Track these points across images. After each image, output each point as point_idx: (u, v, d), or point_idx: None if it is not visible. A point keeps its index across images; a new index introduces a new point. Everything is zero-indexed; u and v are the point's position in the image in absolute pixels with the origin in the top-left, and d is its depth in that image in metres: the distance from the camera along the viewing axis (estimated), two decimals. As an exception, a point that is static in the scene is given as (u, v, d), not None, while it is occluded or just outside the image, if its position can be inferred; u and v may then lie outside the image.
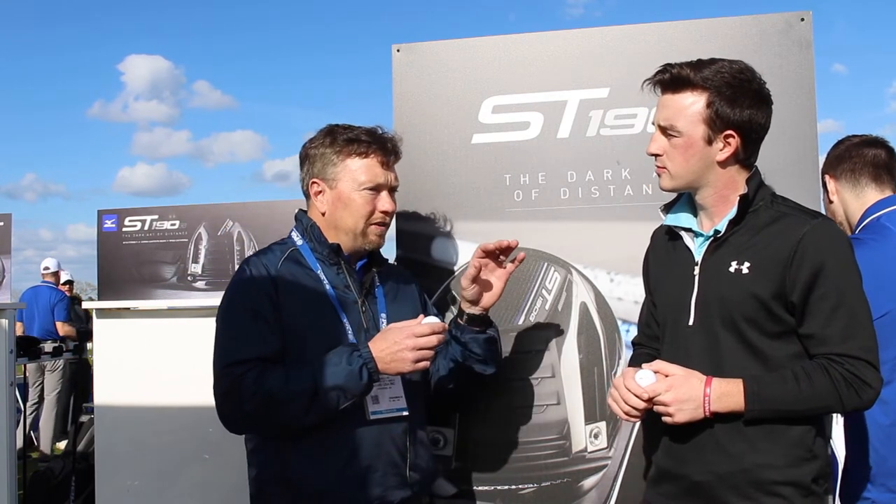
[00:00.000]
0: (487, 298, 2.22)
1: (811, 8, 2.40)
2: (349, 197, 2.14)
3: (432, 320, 2.03)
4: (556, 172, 2.49)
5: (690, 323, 1.90)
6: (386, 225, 2.19)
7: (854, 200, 2.51)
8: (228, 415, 2.03)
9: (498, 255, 2.21)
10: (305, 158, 2.20)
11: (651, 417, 1.91)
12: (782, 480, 1.80)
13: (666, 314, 2.00)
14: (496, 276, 2.23)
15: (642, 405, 1.84)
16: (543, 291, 2.48)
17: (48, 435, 7.86)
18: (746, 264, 1.83)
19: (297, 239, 2.20)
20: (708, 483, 1.85)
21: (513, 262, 2.22)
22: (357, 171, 2.14)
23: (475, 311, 2.23)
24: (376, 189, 2.15)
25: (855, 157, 2.51)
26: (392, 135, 2.22)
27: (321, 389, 1.95)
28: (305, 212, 2.24)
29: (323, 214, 2.17)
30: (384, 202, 2.16)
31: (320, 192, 2.17)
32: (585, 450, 2.44)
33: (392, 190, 2.19)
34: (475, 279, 2.20)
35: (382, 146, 2.17)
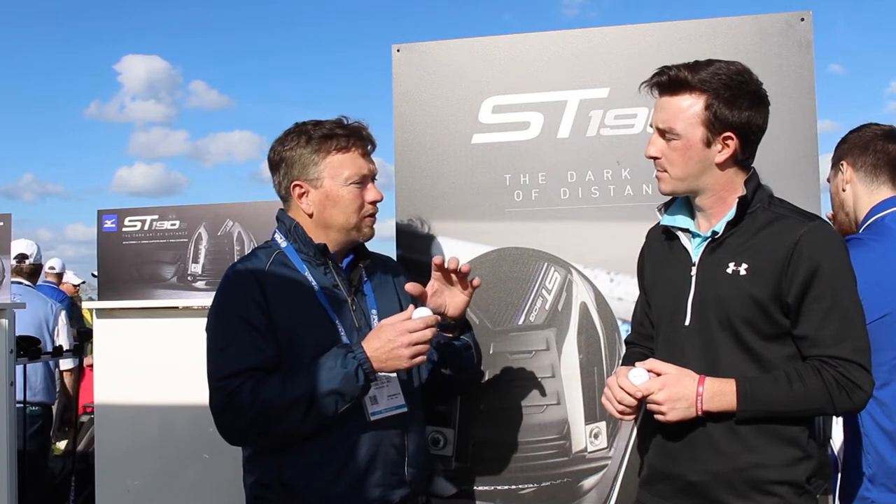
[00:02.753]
0: (451, 310, 2.16)
1: (811, 8, 2.40)
2: (337, 194, 2.10)
3: (424, 312, 2.00)
4: (556, 172, 2.49)
5: (687, 323, 1.90)
6: (375, 215, 2.17)
7: (866, 196, 2.42)
8: (227, 429, 2.00)
9: (450, 273, 2.13)
10: (281, 162, 2.14)
11: (645, 417, 1.91)
12: (778, 480, 1.81)
13: (661, 314, 2.00)
14: (458, 291, 2.16)
15: (635, 403, 1.84)
16: (543, 291, 2.48)
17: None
18: (744, 265, 1.83)
19: (281, 241, 2.16)
20: (703, 482, 1.86)
21: (472, 285, 2.15)
22: (341, 166, 2.10)
23: (444, 320, 2.17)
24: (362, 182, 2.12)
25: (879, 151, 2.40)
26: (363, 123, 2.17)
27: (318, 395, 1.93)
28: (285, 212, 2.19)
29: (310, 216, 2.13)
30: (371, 193, 2.13)
31: (304, 193, 2.12)
32: (585, 450, 2.44)
33: (375, 178, 2.16)
34: (434, 294, 2.14)
35: (360, 137, 2.14)
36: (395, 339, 1.95)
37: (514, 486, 2.46)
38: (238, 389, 1.95)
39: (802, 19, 2.40)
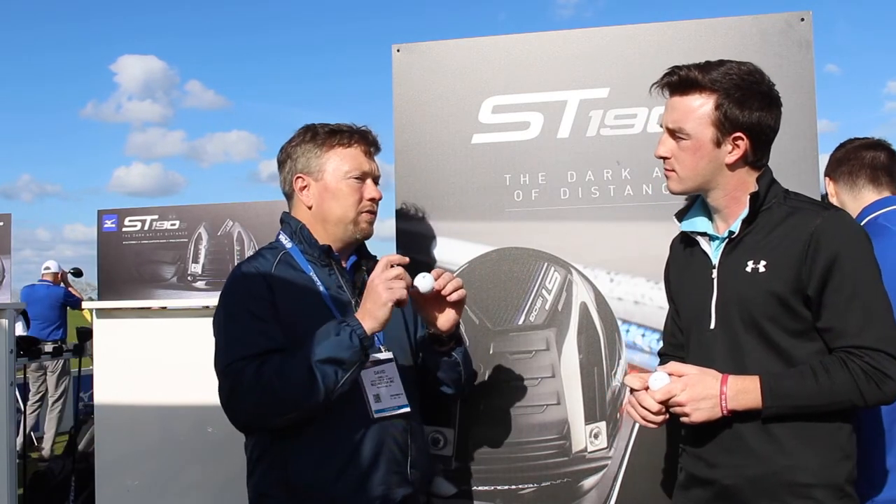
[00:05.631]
0: (442, 322, 2.13)
1: (811, 8, 2.40)
2: (336, 187, 2.15)
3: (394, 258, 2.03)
4: (556, 172, 2.49)
5: (712, 326, 1.88)
6: (374, 213, 2.20)
7: (852, 202, 2.53)
8: (235, 413, 2.00)
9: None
10: (287, 158, 2.21)
11: (676, 424, 1.89)
12: (815, 483, 1.76)
13: (689, 320, 1.98)
14: (446, 304, 2.12)
15: (656, 406, 1.81)
16: (543, 291, 2.48)
17: (50, 438, 7.88)
18: (763, 262, 1.81)
19: (286, 242, 2.19)
20: (737, 487, 1.82)
21: (456, 298, 2.11)
22: (342, 160, 2.15)
23: (434, 331, 2.17)
24: (362, 178, 2.16)
25: (853, 159, 2.54)
26: (370, 128, 2.23)
27: (315, 366, 1.93)
28: (289, 213, 2.23)
29: (310, 208, 2.17)
30: (370, 190, 2.17)
31: (305, 186, 2.17)
32: (585, 450, 2.44)
33: (376, 180, 2.21)
34: (426, 304, 2.13)
35: (364, 136, 2.20)
36: (371, 289, 1.98)
37: (514, 486, 2.46)
38: (242, 371, 1.96)
39: (802, 19, 2.40)
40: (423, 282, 2.03)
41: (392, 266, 2.00)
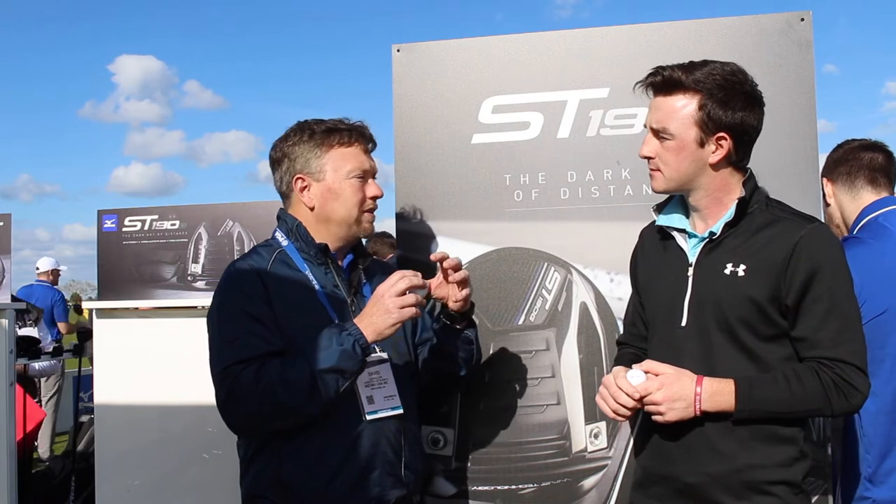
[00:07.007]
0: (453, 302, 2.18)
1: (811, 8, 2.40)
2: (339, 187, 2.14)
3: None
4: (556, 172, 2.49)
5: (683, 324, 1.90)
6: (374, 211, 2.20)
7: (850, 202, 2.54)
8: (232, 418, 2.00)
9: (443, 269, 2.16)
10: (283, 158, 2.18)
11: (640, 420, 1.91)
12: (775, 480, 1.81)
13: (656, 314, 2.00)
14: (455, 284, 2.17)
15: (632, 404, 1.83)
16: (543, 291, 2.48)
17: (47, 438, 7.88)
18: (742, 266, 1.83)
19: (283, 240, 2.18)
20: (700, 484, 1.85)
21: (457, 278, 2.15)
22: (343, 160, 2.14)
23: (448, 309, 2.20)
24: (363, 176, 2.16)
25: (851, 160, 2.56)
26: (365, 123, 2.22)
27: (318, 375, 1.94)
28: (286, 210, 2.22)
29: (312, 209, 2.15)
30: (372, 188, 2.17)
31: (306, 187, 2.15)
32: (585, 450, 2.44)
33: (374, 176, 2.21)
34: (438, 287, 2.19)
35: (362, 134, 2.19)
36: (379, 302, 1.98)
37: (514, 486, 2.46)
38: (240, 376, 1.95)
39: (802, 19, 2.40)
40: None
41: (404, 278, 1.98)
